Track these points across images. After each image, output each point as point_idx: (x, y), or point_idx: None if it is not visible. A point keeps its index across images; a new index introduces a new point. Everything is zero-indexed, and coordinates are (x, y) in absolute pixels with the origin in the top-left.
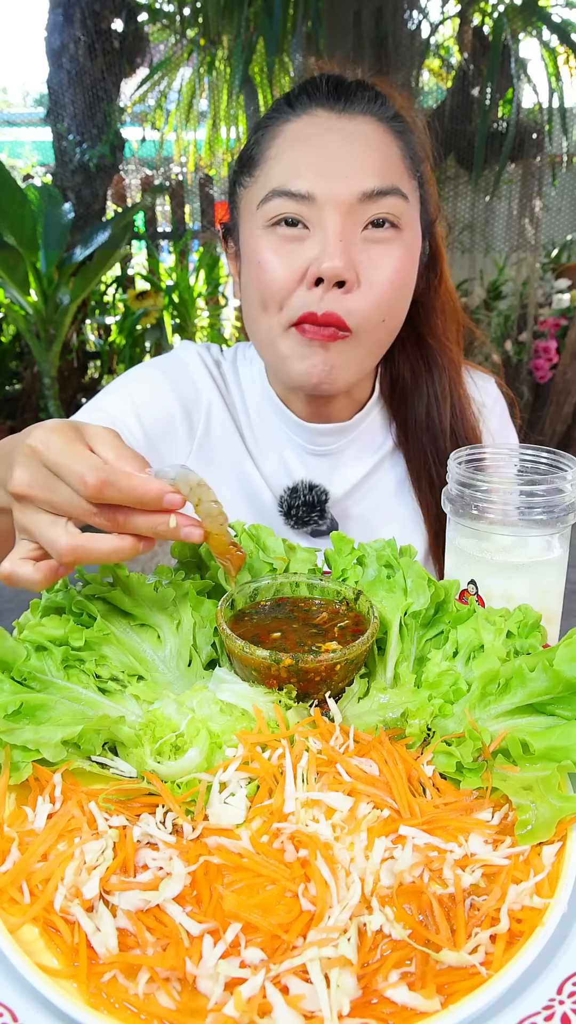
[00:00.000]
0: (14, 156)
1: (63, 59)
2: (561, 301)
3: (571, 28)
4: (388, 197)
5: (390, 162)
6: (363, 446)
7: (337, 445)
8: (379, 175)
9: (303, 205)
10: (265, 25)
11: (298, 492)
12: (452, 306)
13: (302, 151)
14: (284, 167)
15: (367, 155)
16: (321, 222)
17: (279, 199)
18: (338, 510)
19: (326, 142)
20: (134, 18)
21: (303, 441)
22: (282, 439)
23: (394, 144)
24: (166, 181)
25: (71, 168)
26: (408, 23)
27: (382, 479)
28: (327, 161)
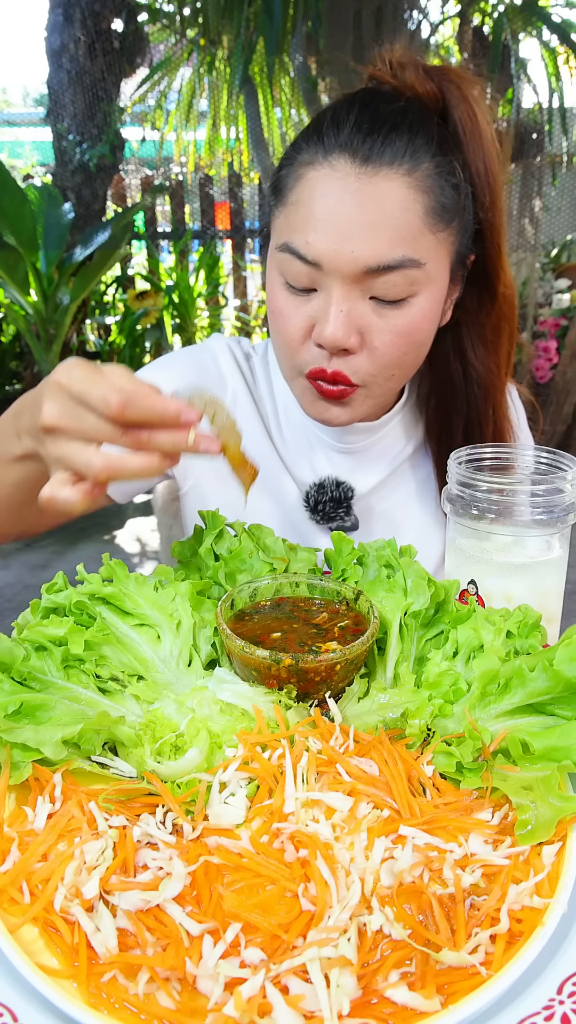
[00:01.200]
0: (14, 156)
1: (63, 59)
2: (561, 301)
3: (571, 28)
4: (397, 271)
5: (406, 229)
6: (389, 445)
7: (363, 443)
8: (389, 247)
9: (310, 267)
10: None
11: (325, 488)
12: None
13: (316, 211)
14: (298, 222)
15: (381, 225)
16: (327, 287)
17: (289, 254)
18: (361, 507)
19: (342, 205)
20: (134, 18)
21: (330, 438)
22: (309, 435)
23: (418, 203)
24: (166, 181)
25: (71, 168)
26: (408, 23)
27: (406, 478)
28: (338, 229)
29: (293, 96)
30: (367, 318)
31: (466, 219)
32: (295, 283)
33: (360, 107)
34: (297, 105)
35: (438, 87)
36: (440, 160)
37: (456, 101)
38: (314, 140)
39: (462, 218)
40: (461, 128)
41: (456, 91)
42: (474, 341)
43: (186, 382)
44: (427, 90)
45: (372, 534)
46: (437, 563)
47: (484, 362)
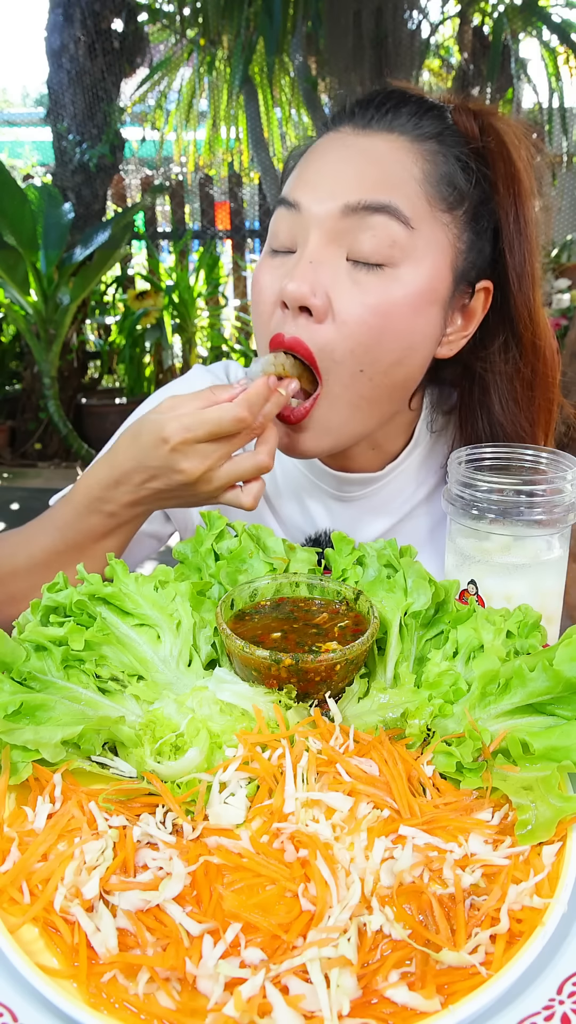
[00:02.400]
0: (14, 156)
1: (63, 59)
2: (561, 301)
3: (571, 28)
4: (378, 215)
5: (396, 180)
6: (392, 494)
7: (364, 492)
8: (369, 189)
9: (292, 217)
10: (265, 25)
11: (320, 544)
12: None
13: (310, 164)
14: (292, 179)
15: (364, 168)
16: (305, 242)
17: (279, 208)
18: None
19: (332, 154)
20: (134, 18)
21: (327, 486)
22: (304, 482)
23: (416, 165)
24: (166, 181)
25: (71, 168)
26: (408, 23)
27: (413, 529)
28: (323, 174)
29: (293, 96)
30: (339, 281)
31: (482, 224)
32: (276, 243)
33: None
34: (297, 105)
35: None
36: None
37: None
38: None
39: (474, 215)
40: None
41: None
42: (503, 397)
43: None
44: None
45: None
46: None
47: (514, 422)
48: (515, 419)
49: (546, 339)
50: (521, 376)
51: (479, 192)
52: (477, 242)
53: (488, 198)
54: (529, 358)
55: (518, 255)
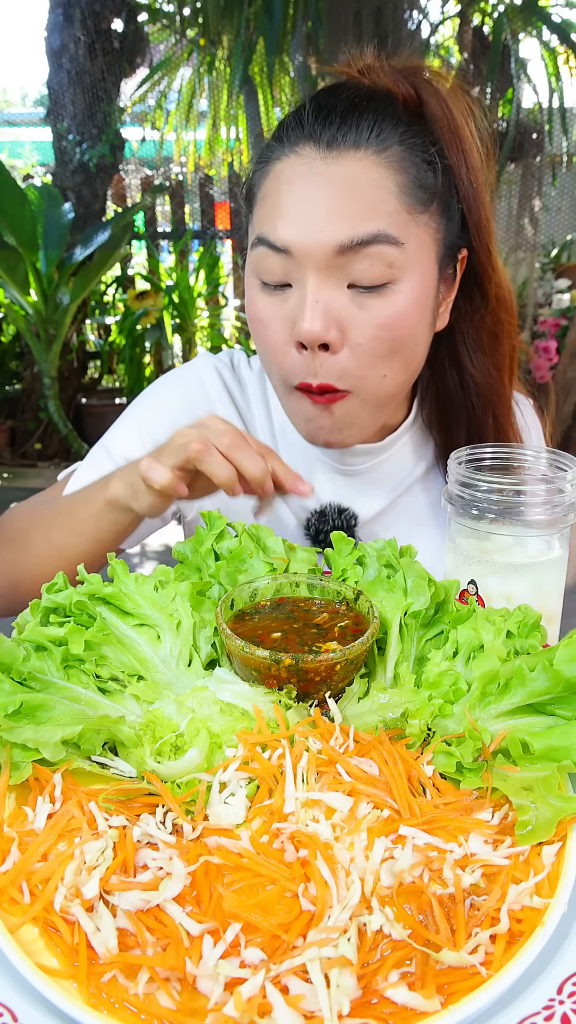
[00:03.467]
0: (14, 156)
1: (63, 59)
2: (561, 301)
3: (571, 28)
4: (372, 246)
5: (378, 203)
6: (394, 468)
7: (367, 465)
8: (360, 221)
9: (283, 258)
10: (265, 25)
11: (327, 516)
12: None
13: (284, 197)
14: (266, 212)
15: (349, 200)
16: (301, 279)
17: (262, 247)
18: (365, 532)
19: (308, 187)
20: (134, 18)
21: (331, 460)
22: (309, 456)
23: (389, 179)
24: (166, 181)
25: (71, 168)
26: (408, 23)
27: (412, 503)
28: (304, 210)
29: (293, 96)
30: (346, 310)
31: (450, 205)
32: (269, 279)
33: (323, 97)
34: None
35: (412, 87)
36: (411, 141)
37: (431, 99)
38: (279, 139)
39: (444, 202)
40: (438, 126)
41: (430, 88)
42: (470, 347)
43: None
44: (403, 91)
45: None
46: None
47: (482, 369)
48: (484, 367)
49: (505, 286)
50: (486, 326)
51: (445, 169)
52: (450, 219)
53: (448, 171)
54: (493, 307)
55: (475, 209)
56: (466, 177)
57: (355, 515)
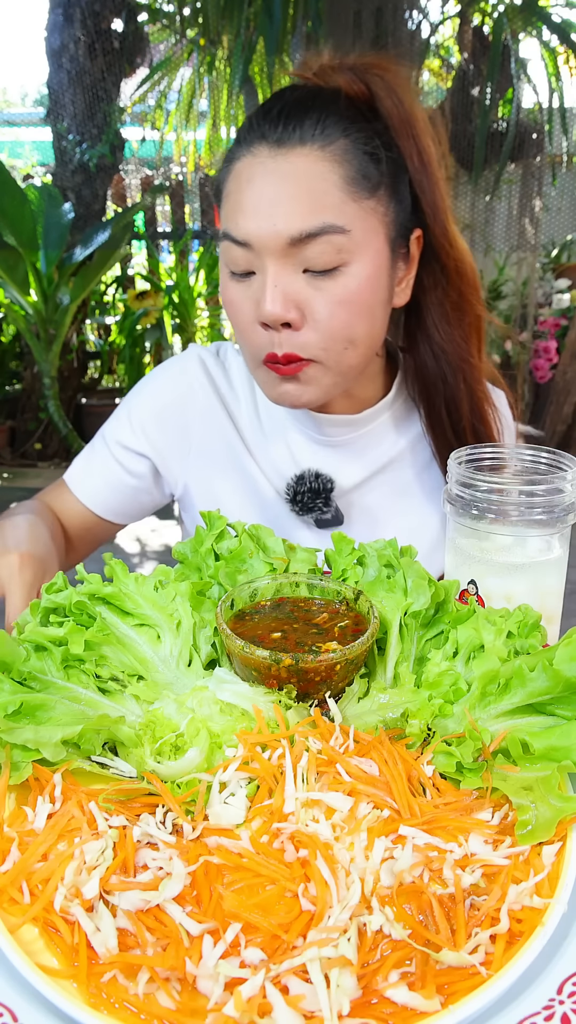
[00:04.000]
0: (14, 156)
1: (63, 59)
2: (561, 301)
3: (571, 28)
4: (320, 236)
5: (323, 197)
6: (374, 442)
7: (347, 437)
8: (307, 216)
9: (244, 250)
10: (265, 25)
11: (304, 479)
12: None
13: (241, 195)
14: (230, 209)
15: (296, 197)
16: (262, 268)
17: (226, 241)
18: (344, 502)
19: (259, 184)
20: (134, 18)
21: (311, 430)
22: (291, 428)
23: (333, 173)
24: (166, 181)
25: (71, 168)
26: (408, 23)
27: (391, 478)
28: (258, 207)
29: None
30: (303, 292)
31: (399, 189)
32: (235, 268)
33: (273, 100)
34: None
35: (364, 84)
36: (356, 135)
37: (382, 92)
38: (238, 140)
39: (391, 187)
40: (390, 116)
41: (381, 82)
42: (437, 320)
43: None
44: (355, 90)
45: (354, 530)
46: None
47: (449, 339)
48: (450, 337)
49: (466, 261)
50: (450, 298)
51: (390, 160)
52: (400, 203)
53: (397, 156)
54: (454, 280)
55: (427, 191)
56: (417, 161)
57: (331, 479)
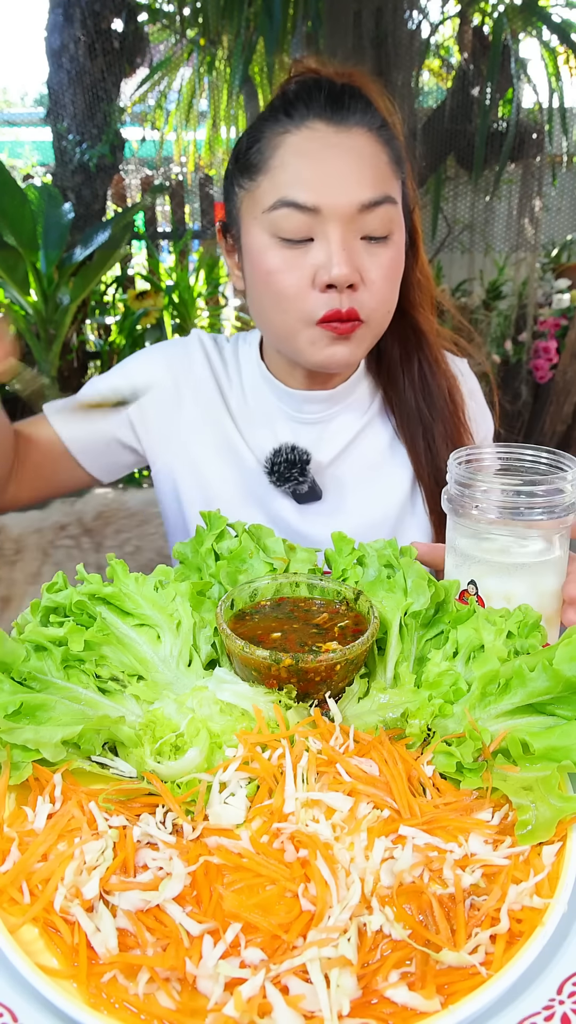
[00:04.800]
0: (14, 156)
1: (63, 59)
2: (561, 301)
3: (571, 28)
4: (382, 206)
5: (381, 171)
6: (347, 416)
7: (324, 414)
8: (373, 186)
9: (308, 216)
10: (265, 25)
11: (281, 451)
12: (426, 279)
13: (305, 164)
14: (289, 178)
15: (363, 168)
16: (325, 233)
17: (286, 208)
18: (322, 477)
19: (327, 157)
20: (134, 18)
21: (291, 410)
22: (274, 411)
23: (383, 152)
24: (166, 181)
25: (71, 168)
26: (408, 23)
27: (363, 449)
28: (329, 175)
29: None
30: (362, 257)
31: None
32: (294, 235)
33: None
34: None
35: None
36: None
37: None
38: (283, 117)
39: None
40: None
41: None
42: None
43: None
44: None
45: (330, 501)
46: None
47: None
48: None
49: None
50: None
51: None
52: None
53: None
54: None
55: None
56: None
57: (306, 452)
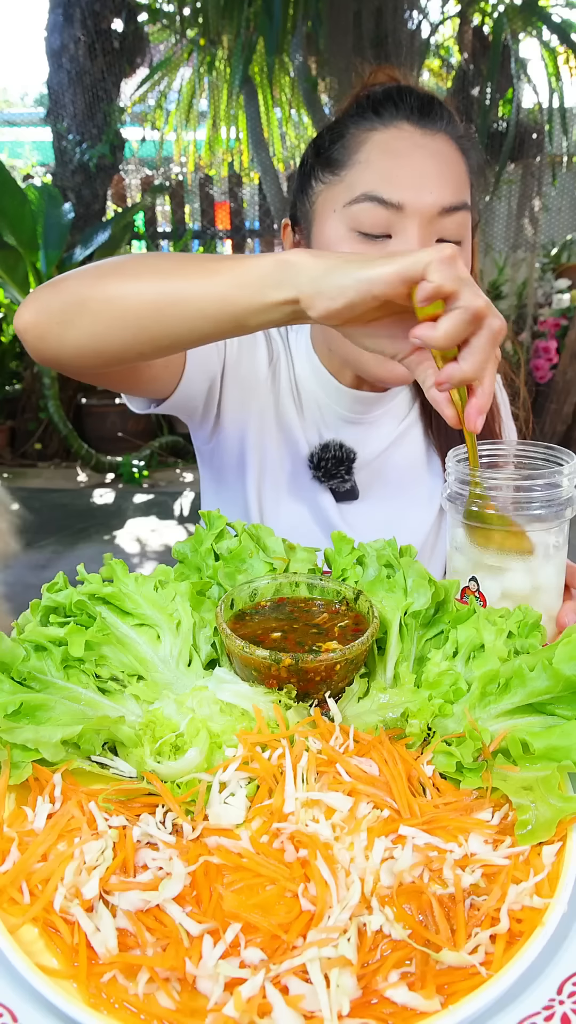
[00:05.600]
0: (14, 156)
1: (63, 59)
2: (561, 301)
3: (571, 28)
4: (460, 211)
5: (461, 179)
6: (393, 416)
7: (370, 415)
8: (455, 192)
9: (391, 212)
10: (265, 25)
11: (329, 447)
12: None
13: (393, 163)
14: (376, 175)
15: (447, 172)
16: (404, 230)
17: (370, 203)
18: (362, 476)
19: (414, 157)
20: (134, 18)
21: (341, 408)
22: (322, 406)
23: (462, 161)
24: (166, 181)
25: (71, 168)
26: (408, 23)
27: (404, 453)
28: (414, 174)
29: (293, 96)
30: None
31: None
32: (373, 229)
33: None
34: (297, 105)
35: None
36: (465, 133)
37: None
38: (370, 115)
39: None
40: None
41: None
42: None
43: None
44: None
45: (373, 501)
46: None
47: None
48: None
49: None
50: None
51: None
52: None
53: None
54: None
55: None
56: None
57: (353, 450)
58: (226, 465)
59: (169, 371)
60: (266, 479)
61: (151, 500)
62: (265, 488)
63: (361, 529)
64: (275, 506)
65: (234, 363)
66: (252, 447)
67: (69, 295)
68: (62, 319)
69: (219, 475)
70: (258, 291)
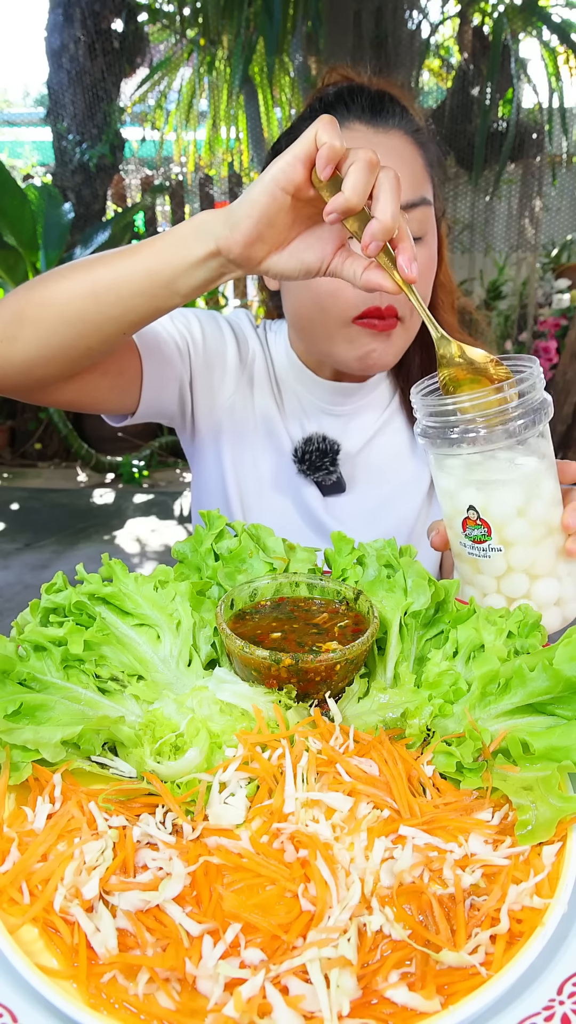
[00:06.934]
0: (14, 156)
1: (63, 59)
2: (561, 301)
3: (571, 28)
4: (419, 207)
5: (418, 174)
6: (375, 407)
7: (350, 407)
8: (412, 188)
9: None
10: (265, 25)
11: (312, 440)
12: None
13: None
14: None
15: (401, 169)
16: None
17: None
18: (347, 467)
19: None
20: (134, 18)
21: (321, 401)
22: (302, 399)
23: (419, 155)
24: (166, 181)
25: (71, 168)
26: (408, 23)
27: (387, 444)
28: None
29: (293, 96)
30: None
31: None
32: None
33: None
34: (297, 105)
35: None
36: (420, 127)
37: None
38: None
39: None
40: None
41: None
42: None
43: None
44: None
45: (359, 490)
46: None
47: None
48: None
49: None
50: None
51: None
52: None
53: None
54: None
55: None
56: None
57: (337, 442)
58: (207, 465)
59: (126, 379)
60: (247, 477)
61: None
62: (247, 486)
63: (347, 521)
64: (258, 502)
65: (202, 367)
66: (229, 446)
67: (7, 313)
68: (4, 336)
69: (200, 475)
70: (179, 253)
